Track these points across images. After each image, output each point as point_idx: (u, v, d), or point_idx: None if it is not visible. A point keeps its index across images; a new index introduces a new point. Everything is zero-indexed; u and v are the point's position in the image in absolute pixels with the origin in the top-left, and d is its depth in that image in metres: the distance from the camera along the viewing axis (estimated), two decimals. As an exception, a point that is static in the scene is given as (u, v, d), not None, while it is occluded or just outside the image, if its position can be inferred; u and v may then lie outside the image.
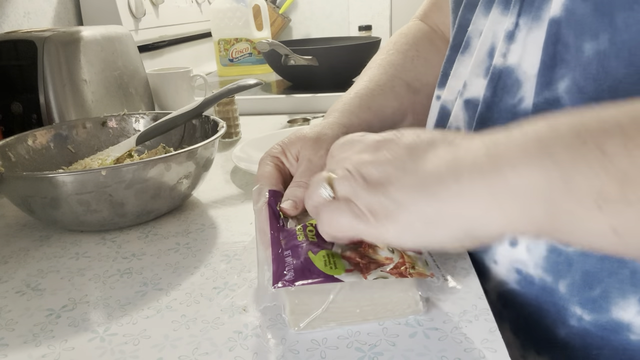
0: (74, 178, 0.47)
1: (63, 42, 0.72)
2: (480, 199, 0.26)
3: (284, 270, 0.35)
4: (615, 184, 0.22)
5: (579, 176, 0.23)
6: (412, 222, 0.29)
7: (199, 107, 0.64)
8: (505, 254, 0.41)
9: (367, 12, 2.16)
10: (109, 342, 0.35)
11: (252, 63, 1.46)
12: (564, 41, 0.36)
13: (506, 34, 0.40)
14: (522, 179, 0.24)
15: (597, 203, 0.22)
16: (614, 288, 0.36)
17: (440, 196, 0.27)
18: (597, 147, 0.22)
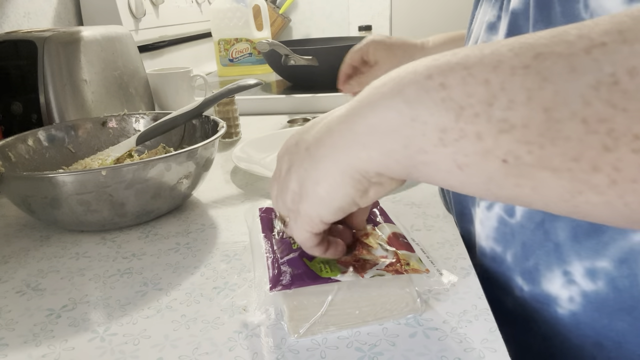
0: (74, 178, 0.47)
1: (63, 42, 0.73)
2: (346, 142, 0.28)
3: (281, 276, 0.35)
4: (453, 117, 0.22)
5: (424, 111, 0.23)
6: (315, 190, 0.30)
7: (199, 107, 0.64)
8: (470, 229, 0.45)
9: (367, 12, 2.16)
10: (109, 342, 0.35)
11: (252, 63, 1.46)
12: (520, 31, 0.40)
13: (488, 24, 0.45)
14: (377, 118, 0.26)
15: (440, 137, 0.23)
16: (542, 260, 0.39)
17: (321, 156, 0.29)
18: (440, 82, 0.23)
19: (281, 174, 0.33)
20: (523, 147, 0.21)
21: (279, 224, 0.40)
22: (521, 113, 0.21)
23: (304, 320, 0.34)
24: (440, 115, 0.23)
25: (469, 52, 0.24)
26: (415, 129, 0.24)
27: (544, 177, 0.21)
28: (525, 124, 0.20)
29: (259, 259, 0.38)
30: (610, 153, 0.19)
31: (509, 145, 0.21)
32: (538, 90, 0.20)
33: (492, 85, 0.21)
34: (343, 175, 0.28)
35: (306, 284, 0.34)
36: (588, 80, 0.19)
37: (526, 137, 0.21)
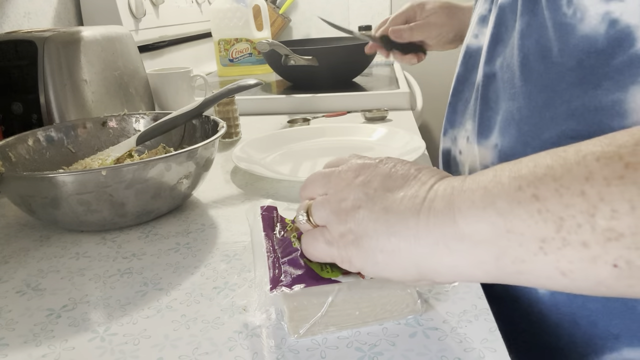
0: (74, 178, 0.47)
1: (63, 42, 0.73)
2: (431, 241, 0.27)
3: (281, 277, 0.35)
4: (553, 228, 0.23)
5: (520, 223, 0.24)
6: (373, 251, 0.30)
7: (199, 107, 0.64)
8: None
9: (367, 12, 2.16)
10: (109, 342, 0.35)
11: (252, 63, 1.46)
12: (505, 24, 0.42)
13: (479, 17, 0.47)
14: (470, 226, 0.26)
15: (541, 247, 0.23)
16: None
17: (398, 232, 0.28)
18: (532, 193, 0.24)
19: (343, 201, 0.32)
20: (634, 253, 0.21)
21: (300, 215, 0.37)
22: (627, 222, 0.21)
23: (304, 321, 0.34)
24: (538, 227, 0.23)
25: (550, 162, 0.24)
26: (511, 240, 0.24)
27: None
28: (634, 232, 0.21)
29: (259, 258, 0.38)
30: None
31: (619, 252, 0.22)
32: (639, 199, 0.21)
33: (589, 197, 0.22)
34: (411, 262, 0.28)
35: (307, 284, 0.34)
36: None
37: (636, 243, 0.21)
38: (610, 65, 0.35)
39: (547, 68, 0.38)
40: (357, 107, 1.03)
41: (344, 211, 0.31)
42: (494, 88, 0.43)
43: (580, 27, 0.36)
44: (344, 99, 1.04)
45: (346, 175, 0.33)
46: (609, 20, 0.34)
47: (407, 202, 0.29)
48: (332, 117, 0.98)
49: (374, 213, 0.29)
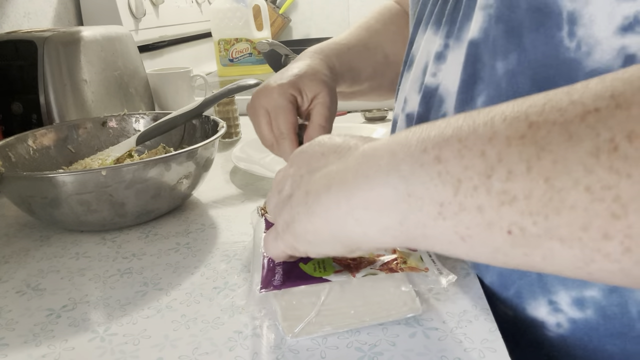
0: (74, 178, 0.47)
1: (63, 42, 0.73)
2: (342, 213, 0.27)
3: (273, 277, 0.35)
4: (451, 191, 0.22)
5: (420, 187, 0.23)
6: (304, 234, 0.30)
7: (199, 107, 0.64)
8: None
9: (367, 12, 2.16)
10: (109, 342, 0.35)
11: (252, 63, 1.46)
12: (482, 61, 0.38)
13: (435, 54, 0.42)
14: (373, 193, 0.25)
15: (439, 212, 0.23)
16: (525, 290, 0.38)
17: (315, 211, 0.29)
18: (435, 155, 0.23)
19: (281, 192, 0.33)
20: (527, 219, 0.20)
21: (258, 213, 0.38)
22: (521, 184, 0.20)
23: (298, 320, 0.34)
24: (437, 190, 0.23)
25: (461, 123, 0.23)
26: (411, 204, 0.24)
27: (553, 247, 0.20)
28: (527, 195, 0.20)
29: (257, 258, 0.38)
30: (619, 220, 0.18)
31: (512, 217, 0.21)
32: (536, 160, 0.20)
33: (488, 157, 0.21)
34: (333, 237, 0.29)
35: (296, 284, 0.35)
36: (586, 148, 0.19)
37: (529, 208, 0.20)
38: None
39: None
40: (357, 107, 1.03)
41: (281, 202, 0.32)
42: None
43: (587, 62, 0.33)
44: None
45: (287, 167, 0.34)
46: (624, 55, 0.32)
47: (322, 180, 0.29)
48: (332, 117, 0.98)
49: (299, 198, 0.30)
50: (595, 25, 0.32)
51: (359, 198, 0.26)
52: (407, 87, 0.47)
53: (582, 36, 0.33)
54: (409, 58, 0.48)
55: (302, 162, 0.32)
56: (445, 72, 0.41)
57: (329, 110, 0.50)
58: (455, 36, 0.41)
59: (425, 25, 0.45)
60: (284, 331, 0.35)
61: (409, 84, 0.47)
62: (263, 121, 0.50)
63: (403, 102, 0.47)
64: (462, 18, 0.40)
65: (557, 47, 0.34)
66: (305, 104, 0.50)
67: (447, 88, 0.41)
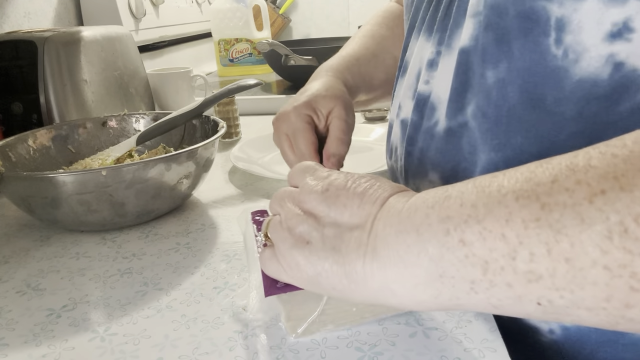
0: (75, 178, 0.47)
1: (63, 42, 0.73)
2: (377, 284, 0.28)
3: (277, 281, 0.35)
4: (480, 271, 0.24)
5: (450, 268, 0.25)
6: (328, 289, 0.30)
7: (199, 107, 0.64)
8: None
9: (367, 12, 2.16)
10: (109, 342, 0.35)
11: (252, 63, 1.46)
12: (472, 69, 0.38)
13: (427, 61, 0.42)
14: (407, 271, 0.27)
15: (471, 287, 0.25)
16: None
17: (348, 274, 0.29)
18: (459, 238, 0.24)
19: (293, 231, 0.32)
20: (554, 293, 0.22)
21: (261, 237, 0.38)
22: (545, 265, 0.22)
23: (302, 320, 0.34)
24: (467, 271, 0.24)
25: (475, 200, 0.25)
26: (444, 283, 0.25)
27: (581, 314, 0.22)
28: (552, 273, 0.22)
29: (253, 262, 0.38)
30: (638, 292, 0.20)
31: (540, 292, 0.22)
32: (555, 243, 0.21)
33: (509, 240, 0.23)
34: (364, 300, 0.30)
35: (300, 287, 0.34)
36: (599, 230, 0.20)
37: (555, 284, 0.22)
38: (615, 113, 0.32)
39: (542, 119, 0.35)
40: (357, 107, 1.03)
41: (295, 242, 0.31)
42: (467, 139, 0.39)
43: (574, 70, 0.33)
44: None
45: (297, 201, 0.33)
46: (613, 63, 0.31)
47: (354, 244, 0.29)
48: (332, 117, 0.98)
49: (324, 251, 0.30)
50: (584, 32, 0.32)
51: (394, 274, 0.27)
52: (402, 93, 0.47)
53: (569, 43, 0.32)
54: (403, 63, 0.48)
55: (320, 203, 0.31)
56: (437, 79, 0.41)
57: (346, 123, 0.50)
58: (446, 44, 0.40)
59: (418, 31, 0.45)
60: (288, 331, 0.35)
61: (402, 90, 0.47)
62: (285, 145, 0.50)
63: (398, 107, 0.47)
64: (452, 25, 0.40)
65: (544, 55, 0.33)
66: (322, 122, 0.50)
67: (439, 96, 0.41)
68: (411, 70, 0.45)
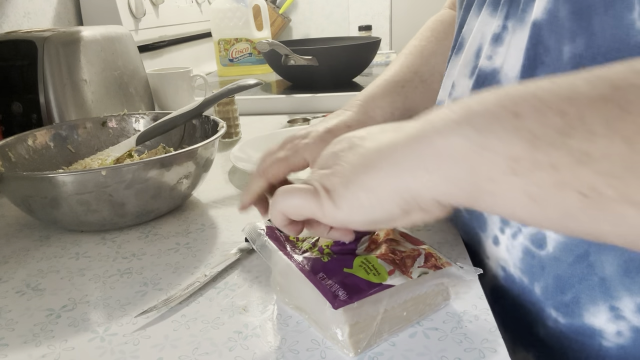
0: (74, 178, 0.47)
1: (63, 42, 0.73)
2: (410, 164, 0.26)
3: (335, 291, 0.33)
4: (527, 146, 0.22)
5: (495, 140, 0.23)
6: (358, 195, 0.28)
7: (199, 107, 0.64)
8: (492, 251, 0.42)
9: (367, 12, 2.16)
10: (109, 342, 0.35)
11: (252, 63, 1.46)
12: (545, 44, 0.36)
13: (492, 36, 0.41)
14: (446, 143, 0.25)
15: (512, 167, 0.22)
16: (584, 294, 0.36)
17: (378, 166, 0.28)
18: (512, 110, 0.23)
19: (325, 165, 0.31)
20: (603, 180, 0.20)
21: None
22: (601, 145, 0.20)
23: (362, 333, 0.33)
24: (512, 144, 0.22)
25: (540, 84, 0.23)
26: (484, 157, 0.23)
27: (626, 212, 0.20)
28: (606, 155, 0.20)
29: (297, 281, 0.36)
30: None
31: (588, 178, 0.20)
32: (619, 121, 0.20)
33: (569, 116, 0.21)
34: (395, 192, 0.27)
35: (365, 294, 0.33)
36: None
37: (607, 169, 0.20)
38: None
39: None
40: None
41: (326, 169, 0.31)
42: None
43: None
44: (344, 99, 1.04)
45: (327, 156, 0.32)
46: None
47: (385, 142, 0.28)
48: (332, 117, 0.98)
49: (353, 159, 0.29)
50: None
51: (430, 149, 0.25)
52: (456, 71, 0.45)
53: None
54: (457, 42, 0.47)
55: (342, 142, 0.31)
56: (504, 55, 0.39)
57: None
58: (518, 17, 0.38)
59: (479, 7, 0.44)
60: (351, 348, 0.32)
61: (457, 68, 0.45)
62: None
63: (450, 87, 0.46)
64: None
65: (628, 31, 0.31)
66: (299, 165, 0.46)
67: (506, 72, 0.39)
68: (469, 47, 0.44)
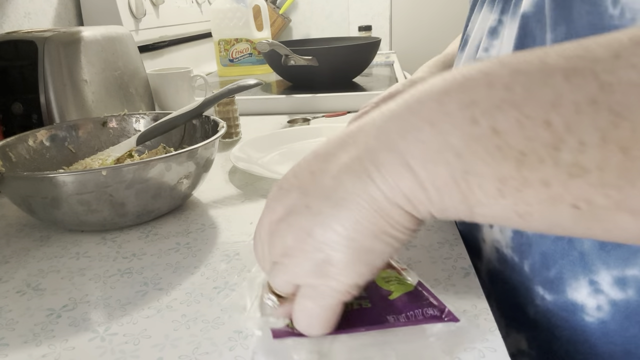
0: (75, 178, 0.47)
1: (63, 42, 0.73)
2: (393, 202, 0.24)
3: None
4: (513, 165, 0.20)
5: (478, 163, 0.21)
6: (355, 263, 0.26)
7: (199, 107, 0.64)
8: (488, 233, 0.44)
9: (367, 12, 2.16)
10: (110, 342, 0.35)
11: (252, 63, 1.46)
12: (532, 34, 0.37)
13: (489, 29, 0.43)
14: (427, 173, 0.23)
15: (498, 188, 0.21)
16: (566, 269, 0.37)
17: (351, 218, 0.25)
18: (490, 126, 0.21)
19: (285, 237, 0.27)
20: (598, 191, 0.19)
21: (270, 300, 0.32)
22: (595, 155, 0.19)
23: None
24: (497, 166, 0.21)
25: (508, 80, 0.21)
26: (470, 183, 0.22)
27: (621, 219, 0.19)
28: (601, 166, 0.19)
29: None
30: None
31: (581, 191, 0.19)
32: (613, 129, 0.18)
33: (555, 127, 0.19)
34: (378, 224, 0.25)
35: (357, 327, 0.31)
36: None
37: (602, 180, 0.19)
38: None
39: None
40: (357, 107, 1.03)
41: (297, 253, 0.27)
42: None
43: None
44: (344, 99, 1.04)
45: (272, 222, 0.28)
46: None
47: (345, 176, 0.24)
48: (332, 117, 0.98)
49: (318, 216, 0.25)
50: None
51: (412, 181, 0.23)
52: (461, 65, 0.48)
53: (625, 2, 0.31)
54: (463, 39, 0.50)
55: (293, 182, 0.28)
56: (499, 47, 0.41)
57: None
58: (511, 11, 0.40)
59: (481, 4, 0.47)
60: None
61: (462, 62, 0.48)
62: None
63: None
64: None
65: (602, 16, 0.32)
66: None
67: None
68: (472, 42, 0.46)
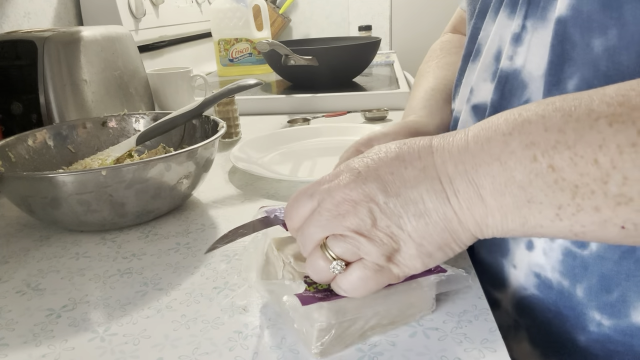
0: (74, 178, 0.47)
1: (63, 42, 0.73)
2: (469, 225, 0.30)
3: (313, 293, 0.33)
4: (568, 195, 0.25)
5: (539, 193, 0.26)
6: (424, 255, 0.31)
7: (199, 107, 0.64)
8: (523, 257, 0.40)
9: (367, 12, 2.16)
10: (109, 342, 0.35)
11: (252, 63, 1.46)
12: (571, 40, 0.35)
13: (512, 36, 0.40)
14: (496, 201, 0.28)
15: (557, 214, 0.26)
16: (632, 291, 0.35)
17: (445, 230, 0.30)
18: (548, 164, 0.25)
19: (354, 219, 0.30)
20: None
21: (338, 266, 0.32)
22: (637, 188, 0.23)
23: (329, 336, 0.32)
24: (555, 196, 0.25)
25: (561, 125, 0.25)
26: (531, 209, 0.27)
27: None
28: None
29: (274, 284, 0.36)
30: None
31: (627, 215, 0.24)
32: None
33: (602, 165, 0.24)
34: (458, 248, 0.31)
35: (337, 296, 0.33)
36: None
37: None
38: None
39: None
40: (357, 107, 1.03)
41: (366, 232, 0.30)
42: None
43: None
44: (344, 99, 1.04)
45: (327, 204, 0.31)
46: None
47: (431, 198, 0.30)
48: (332, 117, 0.98)
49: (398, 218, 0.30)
50: None
51: (484, 209, 0.28)
52: (474, 77, 0.45)
53: None
54: (473, 50, 0.47)
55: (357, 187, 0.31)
56: (525, 54, 0.39)
57: None
58: (538, 16, 0.38)
59: (494, 12, 0.44)
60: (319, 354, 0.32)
61: (475, 74, 0.45)
62: None
63: (469, 93, 0.45)
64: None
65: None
66: None
67: (530, 72, 0.39)
68: (487, 51, 0.44)
